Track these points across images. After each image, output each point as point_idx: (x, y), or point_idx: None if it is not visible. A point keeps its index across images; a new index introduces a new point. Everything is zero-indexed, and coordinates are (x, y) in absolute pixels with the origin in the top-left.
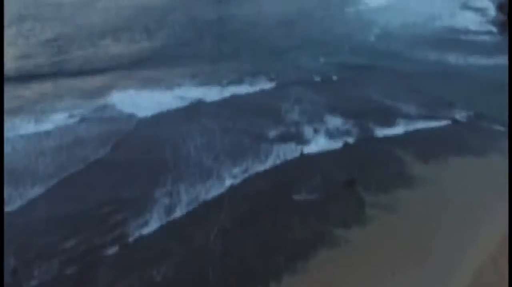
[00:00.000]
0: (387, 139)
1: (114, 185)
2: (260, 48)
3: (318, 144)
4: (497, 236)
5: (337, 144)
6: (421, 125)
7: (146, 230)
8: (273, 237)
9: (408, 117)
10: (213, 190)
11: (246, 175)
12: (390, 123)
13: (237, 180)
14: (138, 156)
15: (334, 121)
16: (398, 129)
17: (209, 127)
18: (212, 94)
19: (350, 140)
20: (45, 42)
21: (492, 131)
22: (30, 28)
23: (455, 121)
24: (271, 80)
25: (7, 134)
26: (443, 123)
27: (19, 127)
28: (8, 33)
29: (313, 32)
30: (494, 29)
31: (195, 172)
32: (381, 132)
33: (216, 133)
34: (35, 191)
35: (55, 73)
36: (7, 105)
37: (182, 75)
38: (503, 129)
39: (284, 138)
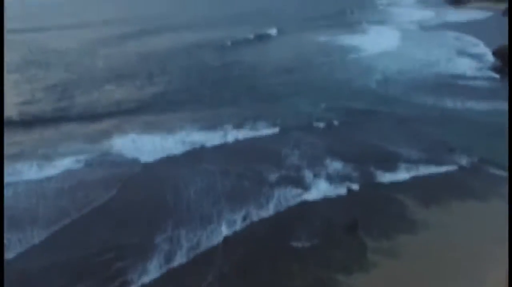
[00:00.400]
0: (389, 183)
1: (116, 230)
2: (261, 93)
3: (319, 189)
4: (500, 282)
5: (337, 189)
6: (423, 169)
7: (147, 278)
8: (274, 284)
9: (409, 161)
10: (213, 236)
11: (247, 220)
12: (391, 168)
13: (237, 226)
14: (140, 201)
15: (335, 166)
16: (400, 174)
17: (210, 171)
18: (213, 138)
19: (351, 184)
20: (48, 87)
21: (493, 176)
22: (34, 73)
23: (456, 166)
24: (271, 125)
25: (8, 179)
26: (444, 168)
27: (21, 172)
28: (11, 78)
29: (313, 78)
30: (491, 74)
31: (196, 217)
32: (383, 176)
33: (217, 177)
34: (36, 238)
35: (58, 118)
36: (9, 150)
37: (184, 120)
38: (504, 174)
39: (284, 183)
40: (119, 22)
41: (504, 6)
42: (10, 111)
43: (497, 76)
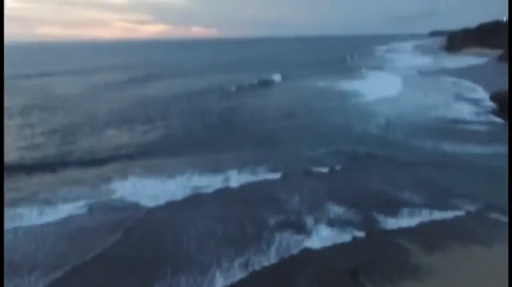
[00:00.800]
0: (392, 229)
1: (116, 277)
2: (263, 138)
3: (319, 234)
4: None
5: (340, 235)
6: (426, 214)
7: None
8: None
9: (411, 206)
10: (213, 284)
11: (248, 268)
12: (394, 213)
13: (238, 274)
14: (140, 247)
15: (336, 211)
16: (403, 219)
17: (211, 216)
18: (214, 183)
19: (353, 230)
20: (50, 132)
21: (496, 222)
22: (37, 118)
23: (459, 211)
24: (273, 169)
25: (8, 224)
26: (447, 213)
27: (21, 217)
28: (14, 123)
29: (315, 122)
30: (489, 118)
31: (196, 263)
32: (386, 222)
33: (218, 222)
34: (34, 286)
35: (59, 163)
36: (9, 194)
37: (185, 164)
38: (506, 218)
39: (284, 228)
40: (123, 68)
41: (498, 52)
42: (12, 156)
43: (495, 120)
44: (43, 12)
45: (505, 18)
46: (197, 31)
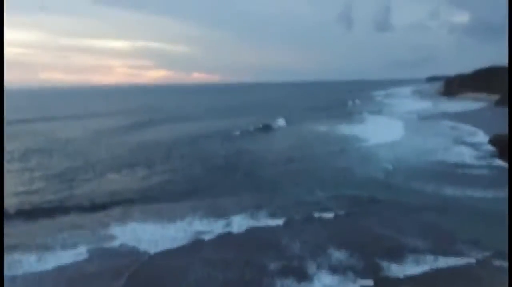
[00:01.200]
0: (397, 276)
1: None
2: (264, 183)
3: (322, 281)
4: None
5: (342, 282)
6: (430, 261)
7: None
8: None
9: (415, 252)
10: None
11: None
12: (398, 259)
13: None
14: None
15: (339, 257)
16: (407, 265)
17: (211, 262)
18: (215, 228)
19: (356, 277)
20: (50, 176)
21: (500, 268)
22: (36, 162)
23: (463, 257)
24: (274, 214)
25: (6, 272)
26: (451, 259)
27: (20, 265)
28: (14, 167)
29: (316, 167)
30: (488, 162)
31: None
32: (390, 268)
33: (218, 268)
34: None
35: (58, 208)
36: (8, 241)
37: (186, 209)
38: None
39: (286, 274)
40: (124, 113)
41: (495, 97)
42: (11, 201)
43: (494, 163)
44: (45, 57)
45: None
46: (198, 77)
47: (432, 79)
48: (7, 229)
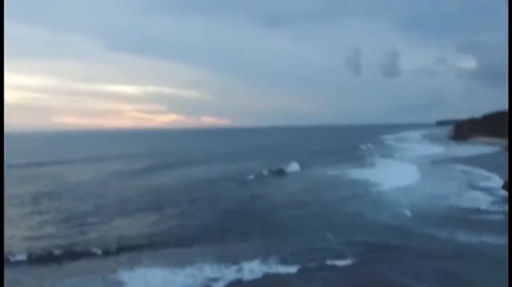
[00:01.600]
0: None
1: None
2: (275, 228)
3: None
4: None
5: None
6: None
7: None
8: None
9: None
10: None
11: None
12: None
13: None
14: None
15: None
16: None
17: None
18: (226, 274)
19: None
20: (58, 221)
21: None
22: (46, 206)
23: None
24: (286, 261)
25: None
26: None
27: None
28: (23, 211)
29: (327, 212)
30: (504, 208)
31: None
32: None
33: None
34: None
35: (68, 253)
36: None
37: (195, 254)
38: None
39: None
40: (136, 156)
41: (506, 141)
42: (17, 246)
43: (508, 209)
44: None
45: None
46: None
47: (441, 123)
48: (13, 275)
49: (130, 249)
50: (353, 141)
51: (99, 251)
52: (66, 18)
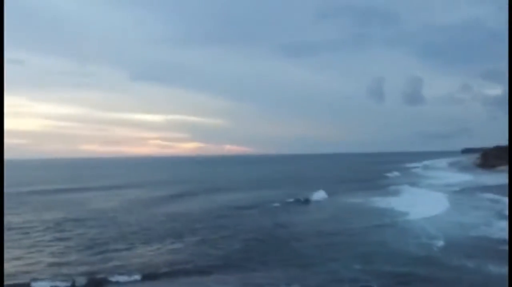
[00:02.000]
0: None
1: None
2: (298, 257)
3: None
4: None
5: None
6: None
7: None
8: None
9: None
10: None
11: None
12: None
13: None
14: None
15: None
16: None
17: None
18: None
19: None
20: (82, 248)
21: None
22: (70, 233)
23: None
24: None
25: None
26: None
27: None
28: (47, 237)
29: (351, 241)
30: None
31: None
32: None
33: None
34: None
35: (90, 281)
36: None
37: (216, 282)
38: None
39: None
40: (157, 184)
41: None
42: (43, 273)
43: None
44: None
45: None
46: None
47: (467, 151)
48: None
49: (152, 277)
50: (377, 169)
51: (118, 280)
52: (92, 50)
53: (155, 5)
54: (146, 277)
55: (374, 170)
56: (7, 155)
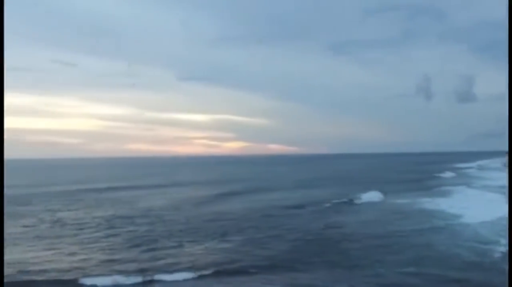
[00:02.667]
0: None
1: None
2: (345, 259)
3: None
4: None
5: None
6: None
7: None
8: None
9: None
10: None
11: None
12: None
13: None
14: None
15: None
16: None
17: None
18: None
19: None
20: (131, 245)
21: None
22: (119, 230)
23: None
24: None
25: None
26: None
27: None
28: (100, 234)
29: (402, 244)
30: None
31: None
32: None
33: None
34: None
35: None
36: None
37: (262, 282)
38: None
39: None
40: (204, 183)
41: None
42: (97, 270)
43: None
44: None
45: None
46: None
47: None
48: None
49: (200, 276)
50: (429, 169)
51: (165, 279)
52: (141, 51)
53: (202, 5)
54: (194, 275)
55: (425, 170)
56: (61, 155)
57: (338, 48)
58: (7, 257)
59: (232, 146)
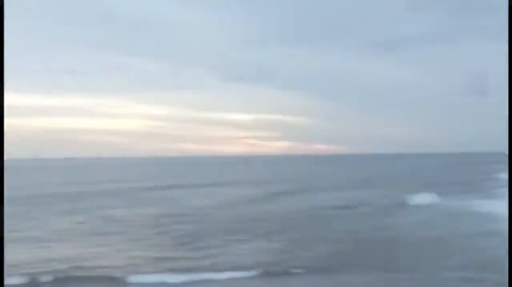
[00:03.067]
0: None
1: None
2: (392, 262)
3: None
4: None
5: None
6: None
7: None
8: None
9: None
10: None
11: None
12: None
13: None
14: None
15: None
16: None
17: None
18: None
19: None
20: (178, 243)
21: None
22: (166, 228)
23: None
24: None
25: None
26: None
27: None
28: (147, 232)
29: (451, 248)
30: None
31: None
32: None
33: None
34: None
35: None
36: None
37: (308, 285)
38: None
39: None
40: (250, 183)
41: None
42: (148, 267)
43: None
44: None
45: None
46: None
47: None
48: None
49: (245, 278)
50: (483, 169)
51: (208, 278)
52: (185, 52)
53: (243, 6)
54: (241, 275)
55: (479, 170)
56: (110, 154)
57: (381, 46)
58: (61, 252)
59: (277, 146)
